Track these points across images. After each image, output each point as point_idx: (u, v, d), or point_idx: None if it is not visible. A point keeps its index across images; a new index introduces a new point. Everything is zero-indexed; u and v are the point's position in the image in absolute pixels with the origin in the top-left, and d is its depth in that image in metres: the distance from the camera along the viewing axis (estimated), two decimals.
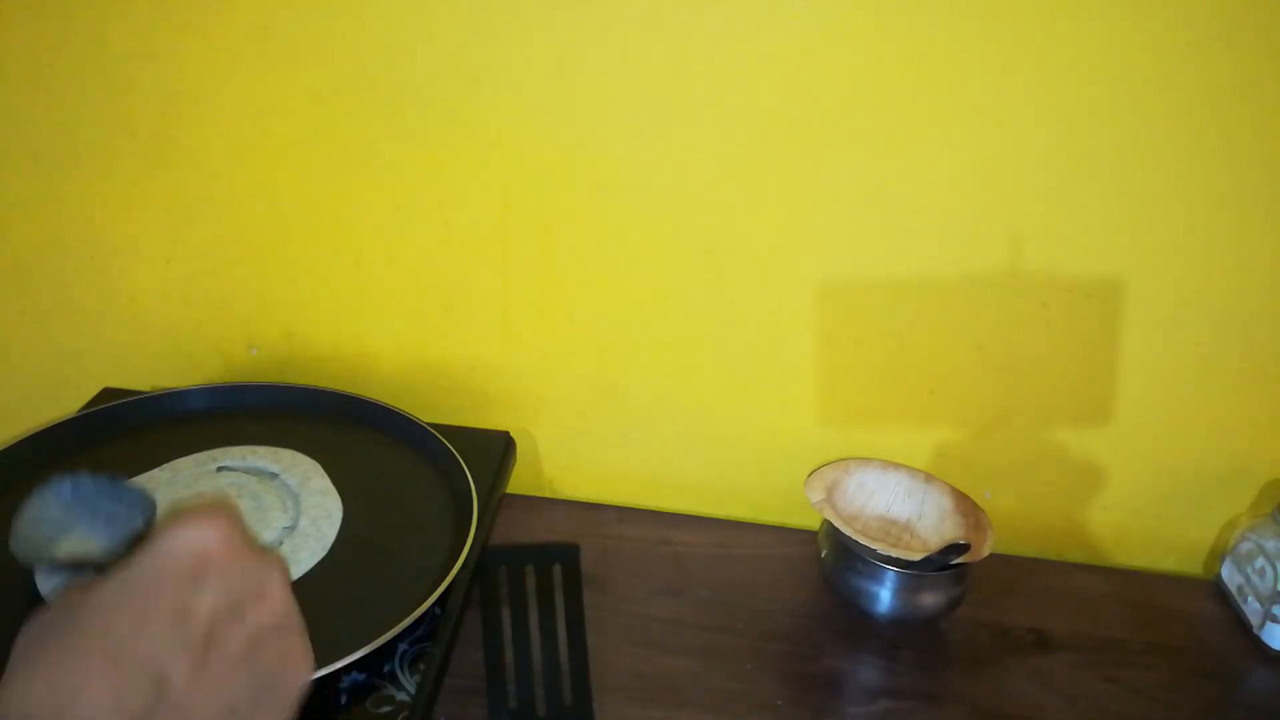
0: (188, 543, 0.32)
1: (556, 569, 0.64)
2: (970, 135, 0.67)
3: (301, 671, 0.35)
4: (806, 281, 0.74)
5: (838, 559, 0.69)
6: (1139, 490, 0.79)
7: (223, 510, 0.34)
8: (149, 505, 0.52)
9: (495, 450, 0.76)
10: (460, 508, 0.67)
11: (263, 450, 0.71)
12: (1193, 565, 0.81)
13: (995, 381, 0.76)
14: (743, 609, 0.71)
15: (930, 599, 0.67)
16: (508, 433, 0.78)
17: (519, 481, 0.81)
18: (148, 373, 0.85)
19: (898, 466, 0.76)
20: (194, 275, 0.81)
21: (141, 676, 0.29)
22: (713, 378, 0.79)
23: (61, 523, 0.50)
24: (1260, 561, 0.71)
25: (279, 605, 0.34)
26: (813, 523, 0.77)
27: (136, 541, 0.47)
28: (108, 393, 0.81)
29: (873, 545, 0.66)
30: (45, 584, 0.58)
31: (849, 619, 0.70)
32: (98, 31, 0.72)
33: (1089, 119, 0.66)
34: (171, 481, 0.67)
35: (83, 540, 0.48)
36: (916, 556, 0.66)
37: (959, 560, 0.65)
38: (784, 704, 0.63)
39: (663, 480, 0.84)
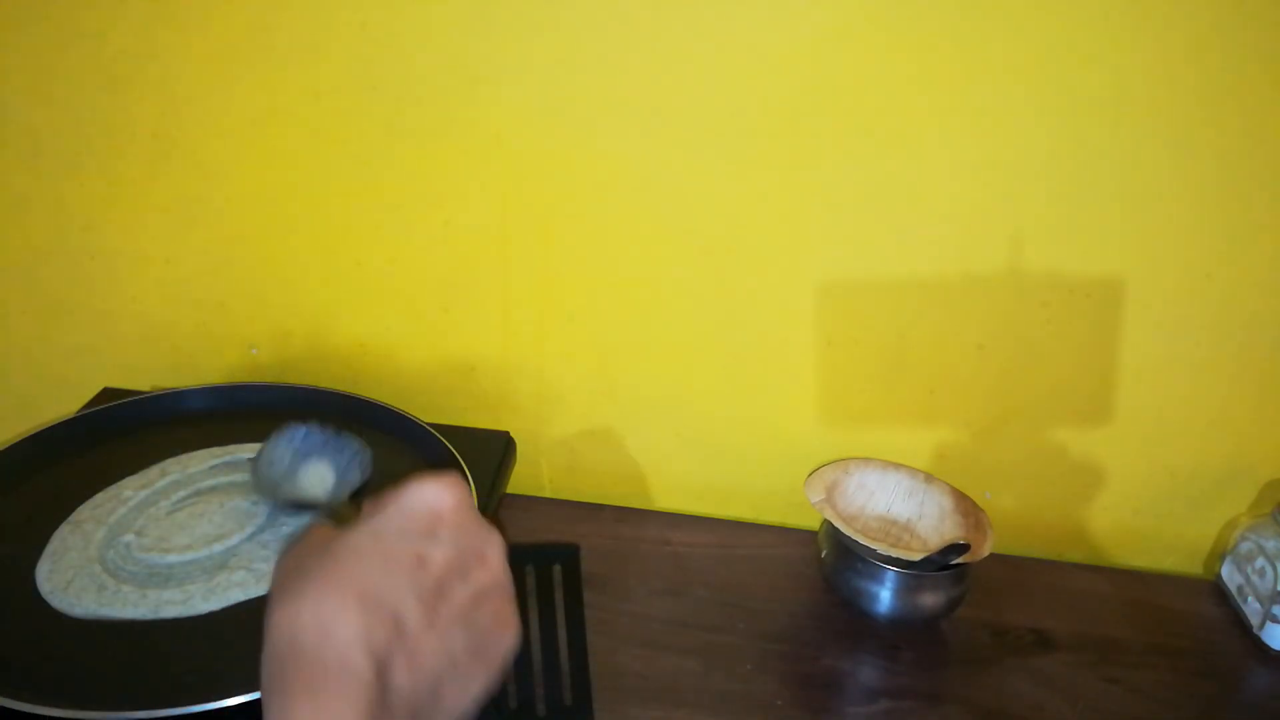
0: (426, 501, 0.36)
1: (556, 569, 0.64)
2: (971, 135, 0.67)
3: (510, 635, 0.38)
4: (806, 281, 0.74)
5: (838, 559, 0.69)
6: (1139, 490, 0.79)
7: (456, 477, 0.38)
8: (368, 461, 0.61)
9: (495, 450, 0.76)
10: None
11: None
12: (1193, 565, 0.81)
13: (995, 381, 0.76)
14: (743, 609, 0.71)
15: (930, 599, 0.67)
16: (508, 433, 0.78)
17: (519, 481, 0.81)
18: (148, 373, 0.85)
19: (898, 466, 0.76)
20: (194, 275, 0.81)
21: (386, 616, 0.33)
22: (713, 378, 0.79)
23: (291, 466, 0.59)
24: (1260, 561, 0.71)
25: (497, 570, 0.38)
26: (813, 523, 0.77)
27: (354, 491, 0.55)
28: (108, 393, 0.81)
29: (873, 545, 0.66)
30: (50, 580, 0.59)
31: (849, 619, 0.70)
32: (98, 31, 0.72)
33: (1089, 119, 0.66)
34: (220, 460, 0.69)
35: (309, 484, 0.56)
36: (916, 556, 0.66)
37: (959, 560, 0.65)
38: (784, 704, 0.63)
39: (663, 480, 0.84)
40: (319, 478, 0.58)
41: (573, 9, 0.67)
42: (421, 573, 0.34)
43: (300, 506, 0.51)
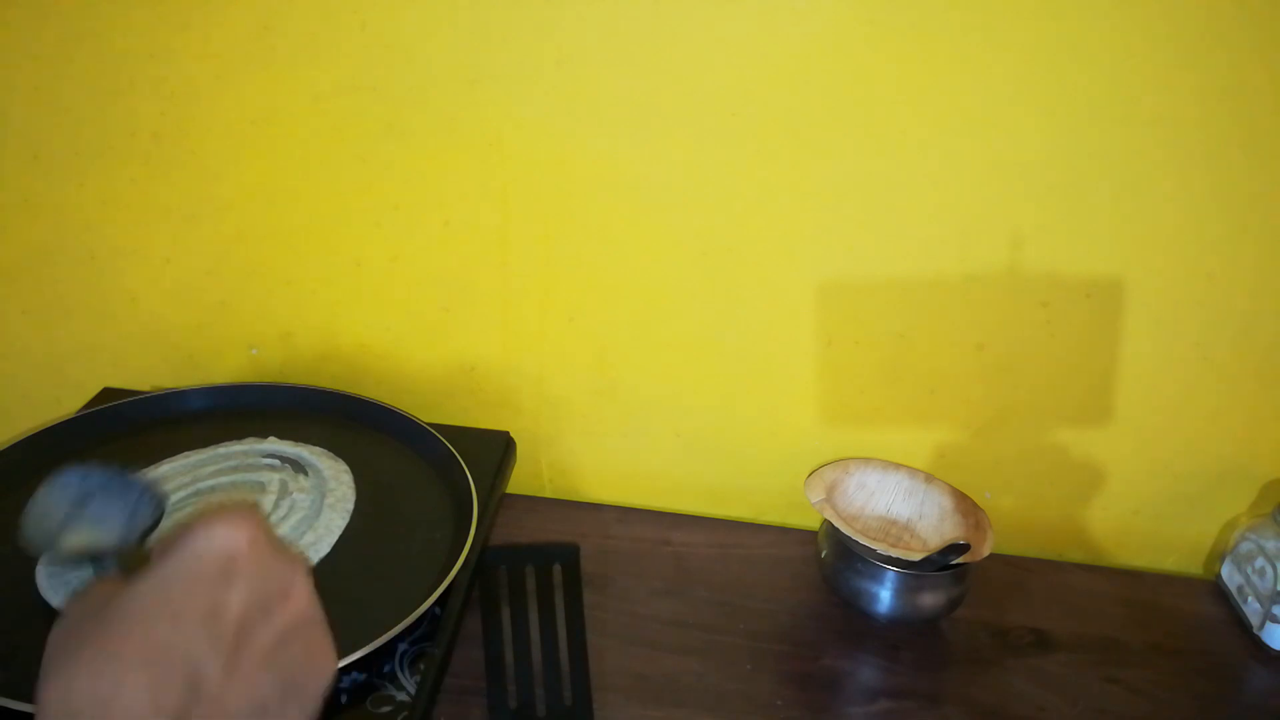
0: (217, 543, 0.33)
1: (556, 569, 0.64)
2: (970, 135, 0.67)
3: (327, 668, 0.36)
4: (806, 281, 0.74)
5: (838, 559, 0.69)
6: (1139, 490, 0.79)
7: (248, 511, 0.34)
8: (158, 498, 0.53)
9: (495, 450, 0.76)
10: (460, 508, 0.67)
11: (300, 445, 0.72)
12: (1193, 565, 0.81)
13: (995, 381, 0.76)
14: (743, 609, 0.71)
15: (930, 599, 0.67)
16: (508, 433, 0.78)
17: (519, 481, 0.81)
18: (148, 373, 0.85)
19: (898, 466, 0.76)
20: (194, 275, 0.81)
21: (178, 675, 0.30)
22: (713, 378, 0.79)
23: (70, 514, 0.51)
24: (1260, 561, 0.71)
25: (304, 603, 0.35)
26: (813, 523, 0.77)
27: (145, 534, 0.49)
28: (108, 393, 0.81)
29: (873, 545, 0.66)
30: (49, 579, 0.58)
31: (849, 619, 0.70)
32: (98, 31, 0.72)
33: (1088, 119, 0.66)
34: (223, 459, 0.69)
35: (92, 532, 0.49)
36: (916, 556, 0.66)
37: (959, 560, 0.65)
38: (784, 704, 0.63)
39: (663, 480, 0.84)
40: (104, 523, 0.52)
41: (572, 10, 0.67)
42: (218, 622, 0.32)
43: (86, 557, 0.48)
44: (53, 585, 0.58)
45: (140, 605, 0.31)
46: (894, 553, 0.66)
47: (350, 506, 0.67)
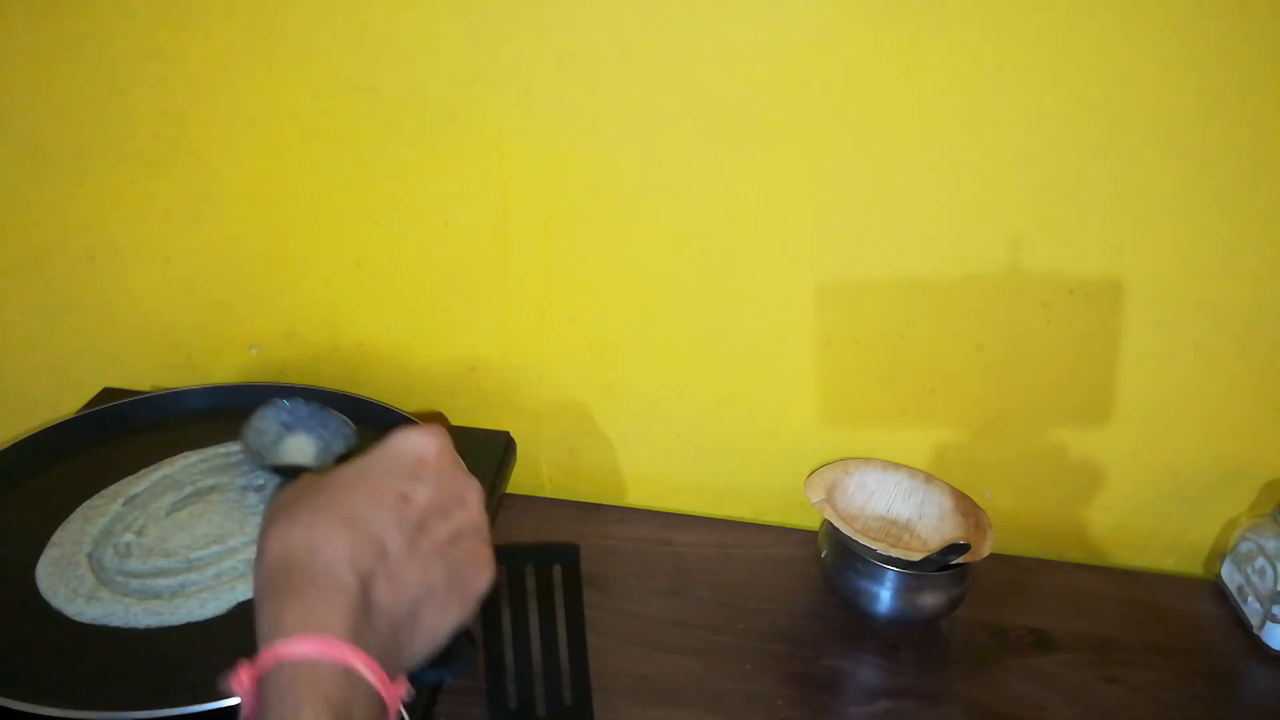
0: (412, 446, 0.40)
1: (556, 569, 0.64)
2: (970, 135, 0.67)
3: (486, 572, 0.40)
4: (806, 281, 0.74)
5: (838, 559, 0.69)
6: (1139, 490, 0.79)
7: (441, 428, 0.41)
8: (352, 432, 0.64)
9: (495, 450, 0.76)
10: None
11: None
12: (1193, 565, 0.81)
13: (995, 381, 0.76)
14: (743, 609, 0.71)
15: (930, 599, 0.67)
16: (508, 433, 0.78)
17: (519, 481, 0.81)
18: (148, 373, 0.85)
19: (898, 466, 0.76)
20: (194, 275, 0.81)
21: (370, 541, 0.36)
22: (713, 378, 0.79)
23: (278, 435, 0.63)
24: (1260, 561, 0.71)
25: (475, 513, 0.41)
26: (813, 523, 0.77)
27: (339, 459, 0.56)
28: (108, 393, 0.81)
29: (873, 545, 0.66)
30: (48, 578, 0.59)
31: (849, 619, 0.70)
32: (98, 31, 0.72)
33: (1088, 120, 0.66)
34: (223, 458, 0.70)
35: (297, 450, 0.60)
36: (916, 556, 0.66)
37: (959, 560, 0.65)
38: (784, 704, 0.63)
39: (663, 480, 0.84)
40: (304, 447, 0.62)
41: (572, 10, 0.67)
42: (404, 507, 0.38)
43: (287, 473, 0.54)
44: (53, 585, 0.58)
45: (346, 482, 0.38)
46: (894, 553, 0.66)
47: None
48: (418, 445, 0.40)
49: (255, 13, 0.70)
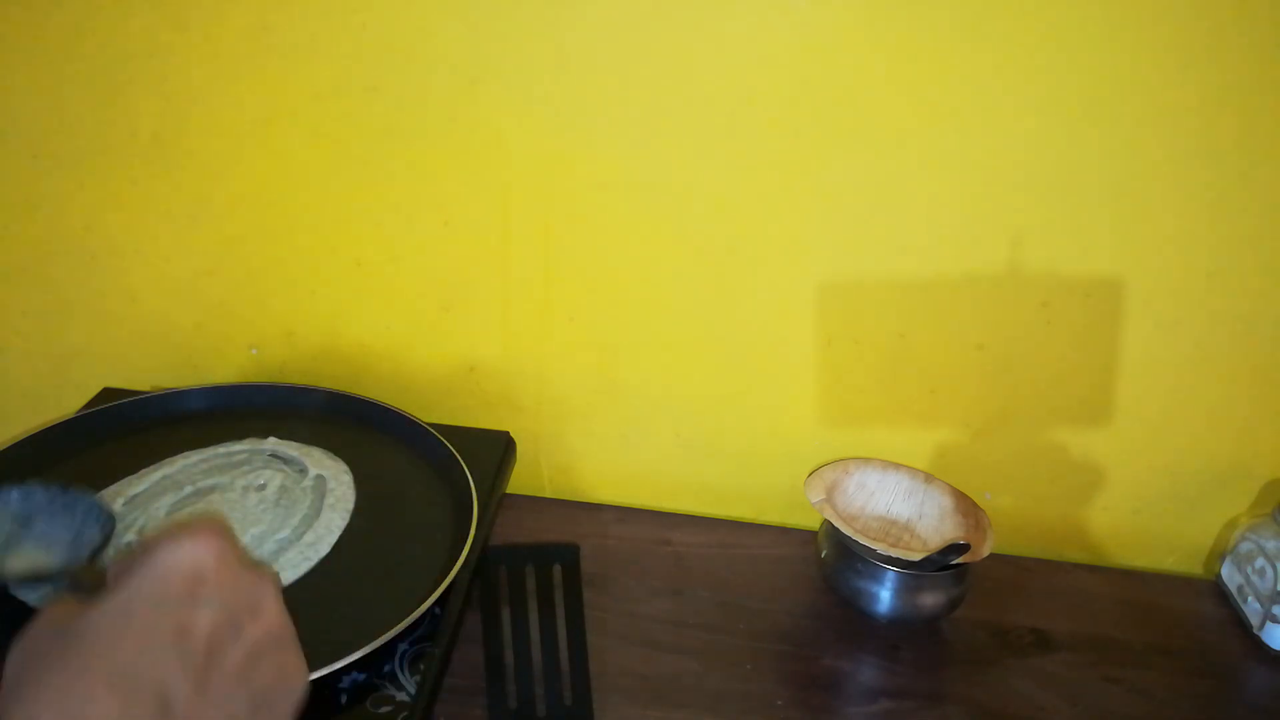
0: (184, 560, 0.32)
1: (556, 569, 0.64)
2: (970, 135, 0.67)
3: (297, 685, 0.35)
4: (806, 281, 0.74)
5: (838, 559, 0.69)
6: (1139, 490, 0.79)
7: (215, 526, 0.34)
8: (105, 515, 0.50)
9: (495, 450, 0.76)
10: (460, 508, 0.67)
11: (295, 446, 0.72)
12: (1193, 565, 0.81)
13: (995, 381, 0.76)
14: (743, 609, 0.71)
15: (930, 599, 0.67)
16: (508, 433, 0.78)
17: (519, 481, 0.81)
18: (148, 373, 0.85)
19: (898, 466, 0.76)
20: (194, 275, 0.81)
21: (147, 698, 0.29)
22: (713, 378, 0.79)
23: (12, 535, 0.49)
24: (1260, 561, 0.71)
25: (274, 620, 0.34)
26: (813, 523, 0.77)
27: (95, 553, 0.46)
28: (108, 393, 0.81)
29: (873, 545, 0.66)
30: (24, 593, 0.57)
31: (849, 619, 0.70)
32: (98, 31, 0.72)
33: (1089, 119, 0.66)
34: (223, 458, 0.69)
35: (36, 553, 0.47)
36: (916, 556, 0.66)
37: (959, 560, 0.65)
38: (784, 704, 0.63)
39: (663, 480, 0.84)
40: (49, 543, 0.50)
41: (572, 9, 0.67)
42: (186, 641, 0.31)
43: (33, 580, 0.46)
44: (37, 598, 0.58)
45: (107, 626, 0.31)
46: (894, 553, 0.66)
47: (350, 506, 0.67)
48: (190, 559, 0.32)
49: (255, 13, 0.70)
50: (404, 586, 0.60)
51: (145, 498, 0.66)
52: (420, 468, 0.73)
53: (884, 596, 0.67)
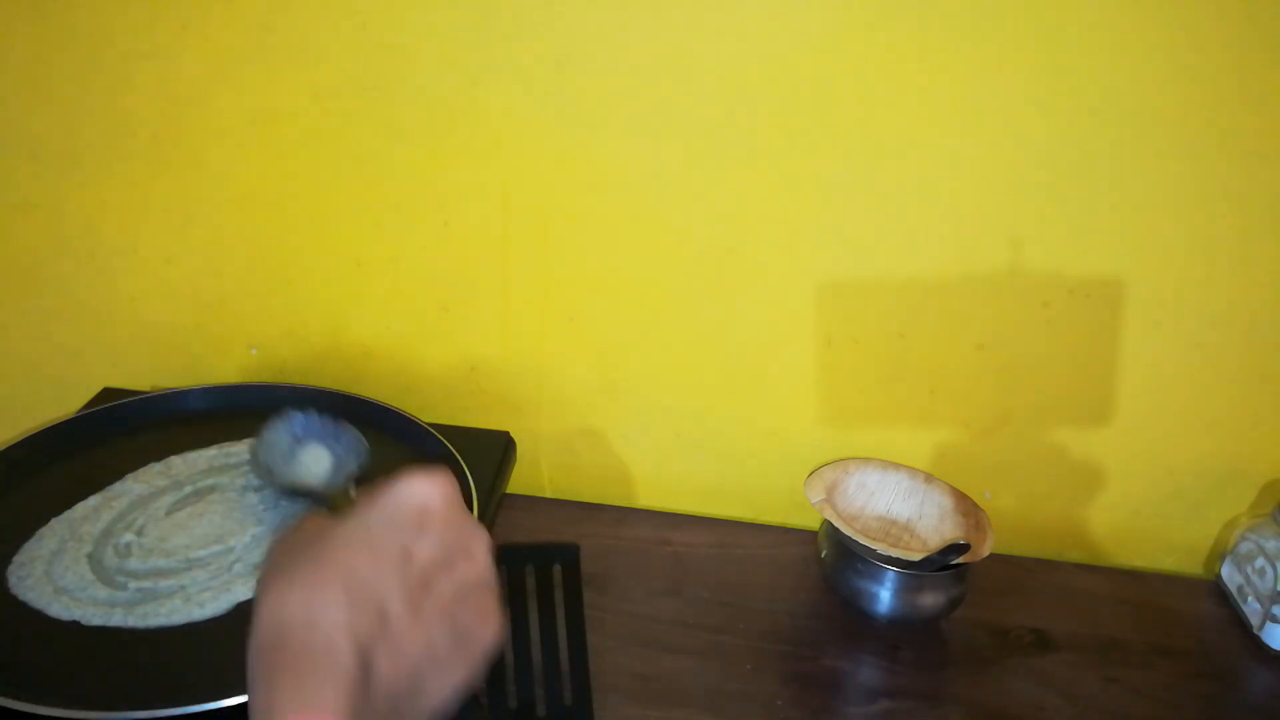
0: (415, 496, 0.37)
1: (556, 569, 0.64)
2: (971, 135, 0.67)
3: (492, 629, 0.38)
4: (806, 281, 0.74)
5: (838, 559, 0.69)
6: (1139, 490, 0.79)
7: (446, 474, 0.38)
8: (364, 450, 0.61)
9: (495, 450, 0.76)
10: None
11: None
12: (1193, 565, 0.81)
13: (995, 381, 0.76)
14: (743, 609, 0.71)
15: (930, 599, 0.67)
16: (508, 433, 0.78)
17: (519, 481, 0.81)
18: (148, 373, 0.85)
19: (898, 466, 0.76)
20: (194, 275, 0.81)
21: (371, 606, 0.34)
22: (713, 378, 0.79)
23: (290, 448, 0.60)
24: (1260, 561, 0.71)
25: (482, 566, 0.38)
26: (813, 523, 0.77)
27: (350, 479, 0.54)
28: (108, 393, 0.81)
29: (873, 545, 0.66)
30: (19, 580, 0.59)
31: (849, 619, 0.70)
32: (98, 31, 0.72)
33: (1089, 119, 0.66)
34: (223, 458, 0.70)
35: (306, 469, 0.56)
36: (916, 556, 0.66)
37: (959, 560, 0.65)
38: (784, 704, 0.63)
39: (663, 480, 0.84)
40: (317, 464, 0.59)
41: (572, 10, 0.67)
42: (407, 566, 0.35)
43: (297, 492, 0.52)
44: (53, 586, 0.58)
45: (346, 539, 0.35)
46: (894, 553, 0.66)
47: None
48: (422, 493, 0.37)
49: (255, 13, 0.70)
50: None
51: (145, 498, 0.66)
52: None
53: (884, 596, 0.67)
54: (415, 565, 0.35)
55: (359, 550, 0.35)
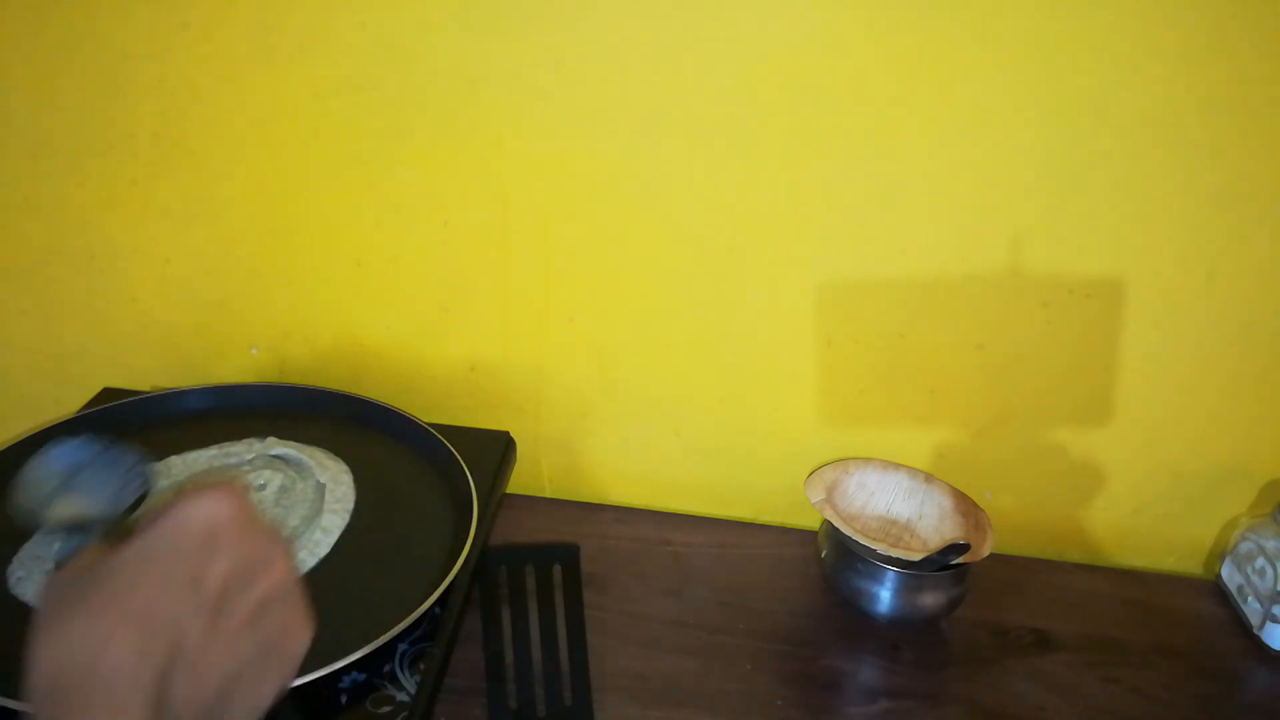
0: (202, 514, 0.35)
1: (556, 569, 0.64)
2: (970, 135, 0.67)
3: (301, 639, 0.37)
4: (806, 281, 0.74)
5: (838, 559, 0.69)
6: (1139, 490, 0.79)
7: (232, 487, 0.37)
8: (146, 472, 0.54)
9: (495, 450, 0.76)
10: (460, 508, 0.67)
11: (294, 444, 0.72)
12: (1193, 565, 0.81)
13: (995, 381, 0.76)
14: (743, 609, 0.71)
15: (930, 599, 0.67)
16: (508, 433, 0.78)
17: (519, 481, 0.81)
18: (148, 373, 0.85)
19: (898, 466, 0.76)
20: (194, 275, 0.81)
21: (161, 636, 0.32)
22: (712, 378, 0.79)
23: (59, 486, 0.52)
24: (1260, 561, 0.71)
25: (283, 576, 0.37)
26: (813, 523, 0.77)
27: (132, 507, 0.50)
28: (108, 393, 0.81)
29: (873, 545, 0.66)
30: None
31: (849, 619, 0.70)
32: (98, 31, 0.72)
33: (1089, 119, 0.66)
34: (222, 459, 0.69)
35: (79, 503, 0.50)
36: (916, 556, 0.66)
37: (959, 560, 0.65)
38: (784, 704, 0.63)
39: (663, 480, 0.84)
40: (93, 494, 0.54)
41: (572, 9, 0.67)
42: (200, 588, 0.34)
43: (73, 528, 0.48)
44: (23, 586, 0.58)
45: (127, 569, 0.33)
46: (894, 553, 0.66)
47: (350, 506, 0.67)
48: (207, 514, 0.35)
49: (256, 13, 0.70)
50: (404, 586, 0.60)
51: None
52: (420, 468, 0.73)
53: (884, 596, 0.67)
54: (208, 586, 0.34)
55: (144, 578, 0.33)
